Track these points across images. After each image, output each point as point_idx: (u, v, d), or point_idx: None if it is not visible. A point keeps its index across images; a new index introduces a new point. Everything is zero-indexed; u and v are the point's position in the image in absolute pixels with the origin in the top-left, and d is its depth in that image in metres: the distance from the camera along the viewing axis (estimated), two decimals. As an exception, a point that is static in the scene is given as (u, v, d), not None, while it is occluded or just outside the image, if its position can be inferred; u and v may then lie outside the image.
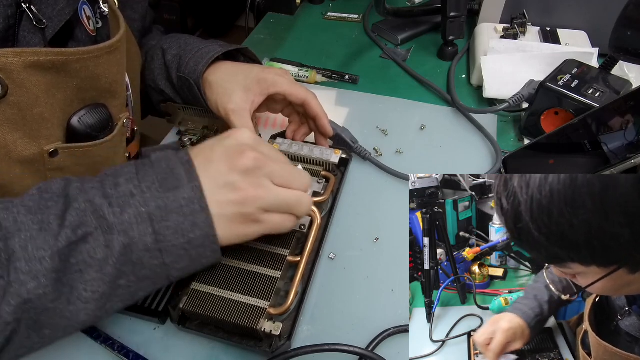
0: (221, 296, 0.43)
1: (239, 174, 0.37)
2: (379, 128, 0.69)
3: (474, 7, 0.89)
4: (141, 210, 0.34)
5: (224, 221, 0.37)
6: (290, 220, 0.41)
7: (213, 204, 0.36)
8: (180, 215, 0.35)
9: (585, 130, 0.54)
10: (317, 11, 0.99)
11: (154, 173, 0.36)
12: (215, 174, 0.37)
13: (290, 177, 0.40)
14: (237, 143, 0.39)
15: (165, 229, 0.34)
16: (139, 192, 0.35)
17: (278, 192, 0.39)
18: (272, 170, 0.39)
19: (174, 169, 0.36)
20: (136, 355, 0.44)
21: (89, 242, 0.33)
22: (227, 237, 0.38)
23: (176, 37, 0.61)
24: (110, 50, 0.43)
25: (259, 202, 0.38)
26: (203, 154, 0.38)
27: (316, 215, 0.49)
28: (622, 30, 0.57)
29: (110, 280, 0.34)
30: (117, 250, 0.33)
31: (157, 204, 0.35)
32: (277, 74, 0.55)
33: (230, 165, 0.37)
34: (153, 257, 0.35)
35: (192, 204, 0.35)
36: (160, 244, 0.35)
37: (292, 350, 0.42)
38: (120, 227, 0.34)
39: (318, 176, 0.54)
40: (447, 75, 0.79)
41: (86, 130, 0.44)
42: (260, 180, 0.38)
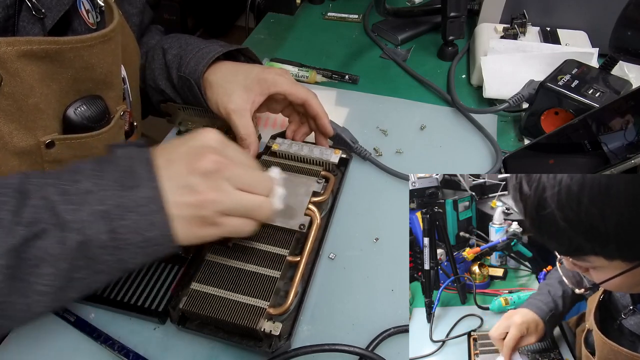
0: (221, 296, 0.43)
1: (198, 177, 0.37)
2: (379, 128, 0.69)
3: (474, 7, 0.89)
4: (98, 208, 0.34)
5: (182, 222, 0.36)
6: (250, 225, 0.40)
7: (171, 204, 0.36)
8: (137, 214, 0.35)
9: (585, 130, 0.54)
10: (317, 11, 0.99)
11: (114, 170, 0.36)
12: (174, 175, 0.37)
13: (252, 181, 0.40)
14: (200, 144, 0.38)
15: (122, 227, 0.34)
16: (98, 189, 0.35)
17: (237, 196, 0.38)
18: (233, 174, 0.38)
19: (134, 167, 0.36)
20: (136, 355, 0.44)
21: (44, 239, 0.33)
22: (185, 238, 0.37)
23: (177, 37, 0.61)
24: (104, 39, 0.43)
25: (217, 205, 0.37)
26: (166, 154, 0.38)
27: (316, 215, 0.49)
28: (622, 30, 0.57)
29: (65, 274, 0.34)
30: (72, 247, 0.33)
31: (115, 202, 0.34)
32: (277, 73, 0.55)
33: (190, 167, 0.37)
34: (108, 254, 0.35)
35: (150, 203, 0.35)
36: (115, 241, 0.34)
37: (292, 350, 0.42)
38: (75, 225, 0.33)
39: (318, 176, 0.54)
40: (447, 75, 0.79)
41: (82, 121, 0.44)
42: (219, 184, 0.37)
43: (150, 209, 0.35)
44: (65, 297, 0.35)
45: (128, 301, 0.47)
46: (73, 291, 0.36)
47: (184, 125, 0.67)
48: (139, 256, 0.36)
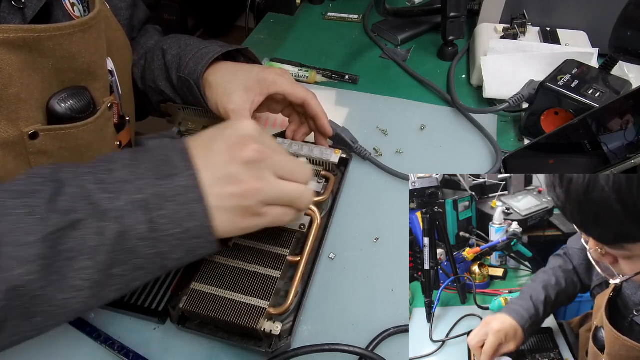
0: (221, 296, 0.43)
1: (240, 166, 0.36)
2: (379, 128, 0.69)
3: (474, 7, 0.89)
4: (136, 197, 0.33)
5: (223, 213, 0.36)
6: (291, 214, 0.40)
7: (212, 195, 0.35)
8: (176, 204, 0.34)
9: (585, 130, 0.54)
10: (317, 11, 0.99)
11: (149, 160, 0.35)
12: (215, 165, 0.36)
13: (293, 169, 0.39)
14: (240, 134, 0.38)
15: (161, 217, 0.33)
16: (134, 178, 0.34)
17: (280, 185, 0.38)
18: (274, 162, 0.38)
19: (171, 157, 0.35)
20: (136, 355, 0.44)
21: (80, 229, 0.32)
22: (226, 230, 0.37)
23: (176, 38, 0.61)
24: (83, 28, 0.42)
25: (260, 195, 0.37)
26: (203, 144, 0.37)
27: (316, 215, 0.49)
28: (622, 30, 0.57)
29: (104, 268, 0.33)
30: (110, 238, 0.32)
31: (153, 191, 0.34)
32: (277, 73, 0.55)
33: (232, 156, 0.36)
34: (147, 246, 0.34)
35: (189, 192, 0.34)
36: (155, 232, 0.34)
37: (292, 350, 0.42)
38: (113, 213, 0.33)
39: (318, 176, 0.54)
40: (447, 75, 0.79)
41: (66, 112, 0.43)
42: (262, 173, 0.37)
43: (189, 198, 0.34)
44: (104, 294, 0.34)
45: (128, 301, 0.47)
46: (111, 288, 0.35)
47: (184, 126, 0.67)
48: (178, 250, 0.35)
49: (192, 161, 0.36)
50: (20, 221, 0.31)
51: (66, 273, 0.32)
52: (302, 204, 0.40)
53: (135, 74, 0.63)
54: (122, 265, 0.34)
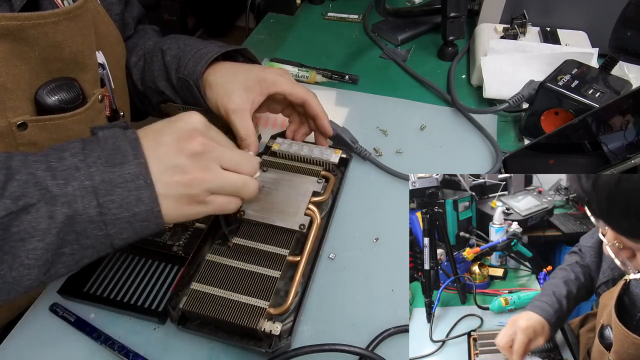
0: (221, 296, 0.43)
1: (187, 157, 0.38)
2: (379, 128, 0.69)
3: (474, 7, 0.89)
4: (86, 183, 0.35)
5: (170, 201, 0.38)
6: (236, 202, 0.42)
7: (160, 184, 0.37)
8: (125, 189, 0.36)
9: (585, 130, 0.54)
10: (317, 11, 0.99)
11: (100, 149, 0.37)
12: (163, 156, 0.38)
13: (238, 161, 0.41)
14: (187, 127, 0.39)
15: (110, 202, 0.35)
16: (84, 165, 0.35)
17: (225, 175, 0.40)
18: (220, 154, 0.40)
19: (121, 146, 0.37)
20: (136, 355, 0.44)
21: (31, 213, 0.33)
22: (173, 216, 0.39)
23: (175, 38, 0.61)
24: (68, 16, 0.42)
25: (205, 184, 0.39)
26: (152, 135, 0.39)
27: (316, 215, 0.49)
28: (622, 30, 0.57)
29: (54, 249, 0.35)
30: (60, 221, 0.34)
31: (102, 177, 0.35)
32: (277, 73, 0.55)
33: (179, 148, 0.38)
34: (97, 229, 0.36)
35: (137, 179, 0.36)
36: (104, 216, 0.35)
37: (292, 350, 0.42)
38: (63, 198, 0.34)
39: (318, 176, 0.54)
40: (447, 75, 0.79)
41: (54, 102, 0.44)
42: (207, 164, 0.39)
43: (137, 184, 0.36)
44: (54, 272, 0.36)
45: (128, 301, 0.47)
46: (61, 266, 0.36)
47: (184, 125, 0.67)
48: (126, 232, 0.37)
49: (142, 150, 0.37)
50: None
51: (18, 253, 0.34)
52: (247, 193, 0.42)
53: (134, 75, 0.63)
54: (72, 244, 0.36)
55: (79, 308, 0.48)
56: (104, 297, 0.48)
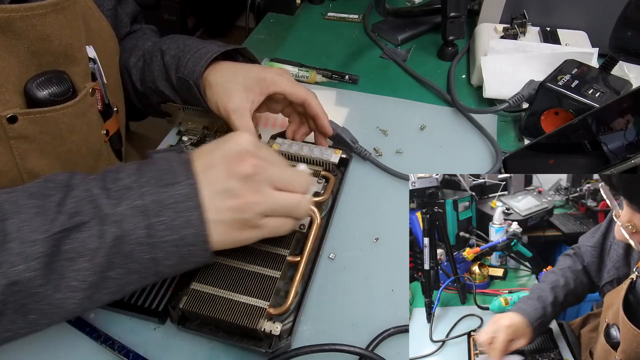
0: (221, 296, 0.43)
1: (237, 180, 0.37)
2: (379, 128, 0.69)
3: (474, 7, 0.89)
4: (137, 202, 0.35)
5: (221, 227, 0.37)
6: (289, 223, 0.41)
7: (211, 209, 0.36)
8: (174, 211, 0.35)
9: (585, 130, 0.54)
10: (317, 11, 0.99)
11: (153, 169, 0.37)
12: (213, 180, 0.37)
13: (290, 180, 0.40)
14: (237, 149, 0.38)
15: (159, 223, 0.35)
16: (137, 185, 0.35)
17: (277, 196, 0.39)
18: (271, 174, 0.39)
19: (173, 167, 0.37)
20: (136, 355, 0.44)
21: (83, 231, 0.33)
22: (223, 242, 0.38)
23: (174, 38, 0.61)
24: (55, 8, 0.42)
25: (258, 207, 0.38)
26: (203, 158, 0.38)
27: (316, 215, 0.49)
28: (622, 30, 0.57)
29: (100, 270, 0.34)
30: (109, 241, 0.34)
31: (153, 198, 0.35)
32: (276, 73, 0.55)
33: (229, 171, 0.37)
34: (144, 251, 0.35)
35: (187, 200, 0.35)
36: (152, 238, 0.35)
37: (292, 350, 0.42)
38: (114, 217, 0.34)
39: (318, 176, 0.54)
40: (447, 75, 0.79)
41: (44, 95, 0.43)
42: (259, 186, 0.38)
43: (187, 205, 0.35)
44: (98, 297, 0.36)
45: (128, 301, 0.47)
46: (105, 291, 0.36)
47: (184, 126, 0.67)
48: (173, 257, 0.36)
49: (194, 172, 0.37)
50: (30, 219, 0.33)
51: (65, 273, 0.33)
52: (300, 213, 0.41)
53: (134, 75, 0.63)
54: (118, 268, 0.35)
55: (79, 308, 0.48)
56: (104, 297, 0.48)
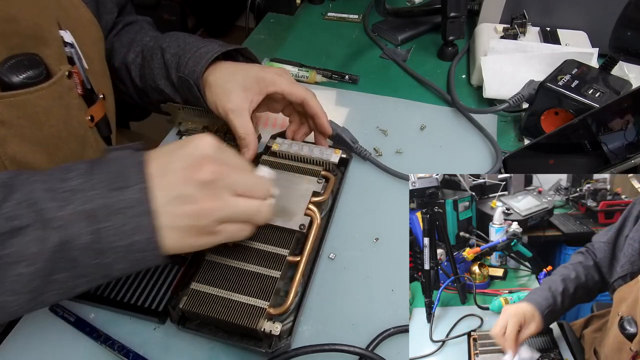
0: (221, 296, 0.43)
1: (195, 187, 0.36)
2: (379, 128, 0.69)
3: (474, 7, 0.89)
4: (83, 207, 0.33)
5: (176, 232, 0.36)
6: (247, 229, 0.40)
7: (165, 215, 0.35)
8: (124, 216, 0.34)
9: (585, 130, 0.54)
10: (317, 11, 0.99)
11: (105, 171, 0.35)
12: (169, 185, 0.35)
13: (251, 186, 0.39)
14: (197, 153, 0.37)
15: (107, 229, 0.33)
16: (87, 187, 0.34)
17: (236, 203, 0.38)
18: (231, 181, 0.37)
19: (126, 169, 0.35)
20: (136, 355, 0.44)
21: (20, 236, 0.32)
22: (178, 248, 0.37)
23: (175, 36, 0.61)
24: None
25: (216, 214, 0.37)
26: (160, 160, 0.37)
27: (316, 215, 0.49)
28: (622, 30, 0.57)
29: (44, 275, 0.33)
30: (51, 246, 0.32)
31: (102, 202, 0.33)
32: (276, 73, 0.55)
33: (187, 176, 0.36)
34: (90, 257, 0.34)
35: (138, 206, 0.34)
36: (98, 244, 0.33)
37: (292, 350, 0.42)
38: (57, 222, 0.32)
39: (318, 176, 0.54)
40: (447, 75, 0.79)
41: (17, 78, 0.42)
42: (217, 192, 0.37)
43: (137, 211, 0.34)
44: (43, 298, 0.34)
45: (128, 301, 0.47)
46: (52, 293, 0.34)
47: (184, 126, 0.67)
48: (122, 263, 0.35)
49: (147, 175, 0.35)
50: None
51: (4, 277, 0.32)
52: (260, 219, 0.40)
53: (133, 72, 0.63)
54: (63, 272, 0.34)
55: (79, 308, 0.48)
56: (104, 297, 0.48)
